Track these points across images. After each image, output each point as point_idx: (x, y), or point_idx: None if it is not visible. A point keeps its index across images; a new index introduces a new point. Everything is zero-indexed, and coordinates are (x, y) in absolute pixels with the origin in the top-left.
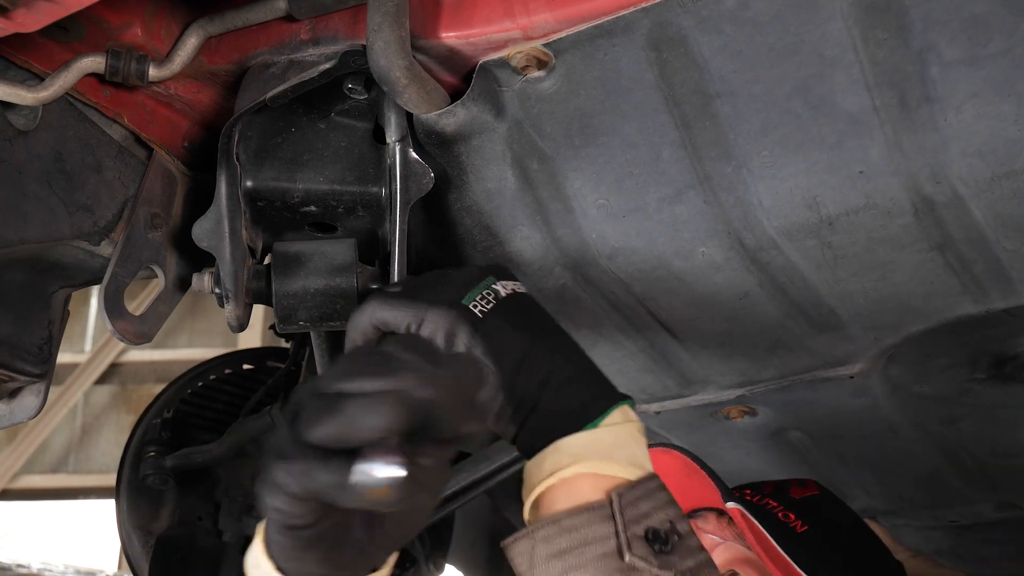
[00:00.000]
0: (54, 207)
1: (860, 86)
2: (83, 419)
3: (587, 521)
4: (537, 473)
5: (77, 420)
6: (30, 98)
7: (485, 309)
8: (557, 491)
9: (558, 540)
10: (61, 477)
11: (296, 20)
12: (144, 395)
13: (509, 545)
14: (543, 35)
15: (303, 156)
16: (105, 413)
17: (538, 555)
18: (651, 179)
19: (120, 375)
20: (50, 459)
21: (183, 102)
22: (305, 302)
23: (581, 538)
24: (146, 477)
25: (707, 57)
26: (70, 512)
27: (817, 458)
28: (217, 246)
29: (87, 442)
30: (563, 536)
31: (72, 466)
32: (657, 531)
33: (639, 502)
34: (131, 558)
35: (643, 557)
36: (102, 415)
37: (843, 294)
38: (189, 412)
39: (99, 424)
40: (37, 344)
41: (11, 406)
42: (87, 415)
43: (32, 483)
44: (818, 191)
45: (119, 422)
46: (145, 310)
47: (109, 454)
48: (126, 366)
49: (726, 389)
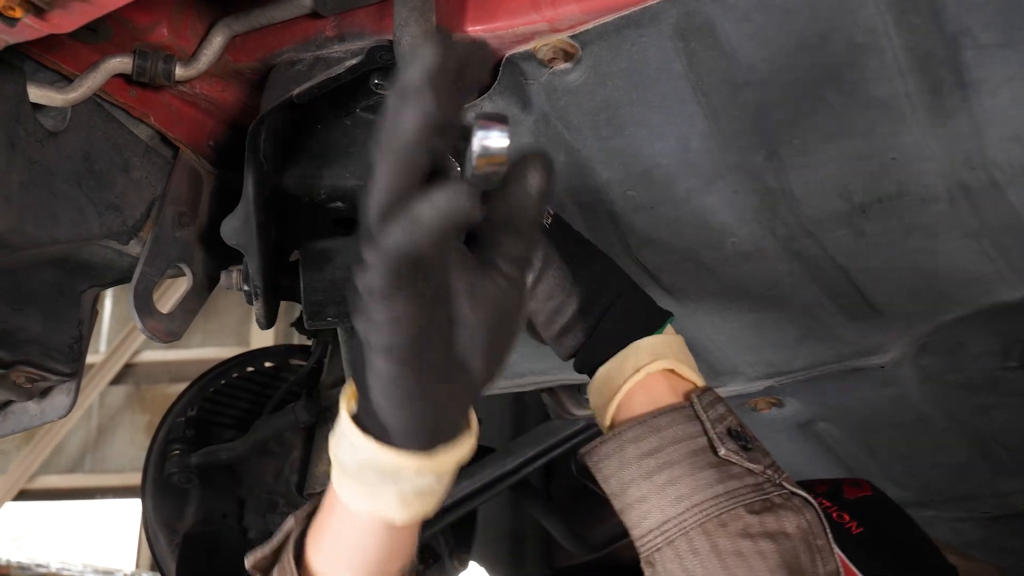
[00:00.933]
0: (84, 207)
1: (892, 72)
2: (98, 419)
3: (674, 421)
4: (619, 374)
5: (92, 420)
6: (60, 99)
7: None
8: (636, 395)
9: (648, 439)
10: (78, 477)
11: (321, 17)
12: (159, 395)
13: (590, 451)
14: (569, 27)
15: (329, 152)
16: (120, 413)
17: (627, 455)
18: (680, 170)
19: (135, 375)
20: (66, 459)
21: (208, 101)
22: (333, 298)
23: (672, 436)
24: (171, 475)
25: (736, 46)
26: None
27: (846, 450)
28: (245, 244)
29: (103, 442)
30: (653, 435)
31: (88, 466)
32: (736, 431)
33: (715, 405)
34: (157, 556)
35: (735, 451)
36: (117, 415)
37: (875, 283)
38: (213, 410)
39: (114, 424)
40: (67, 343)
41: (42, 405)
42: (102, 415)
43: (49, 483)
44: (850, 179)
45: (134, 422)
46: (174, 308)
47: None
48: (140, 366)
49: (754, 380)
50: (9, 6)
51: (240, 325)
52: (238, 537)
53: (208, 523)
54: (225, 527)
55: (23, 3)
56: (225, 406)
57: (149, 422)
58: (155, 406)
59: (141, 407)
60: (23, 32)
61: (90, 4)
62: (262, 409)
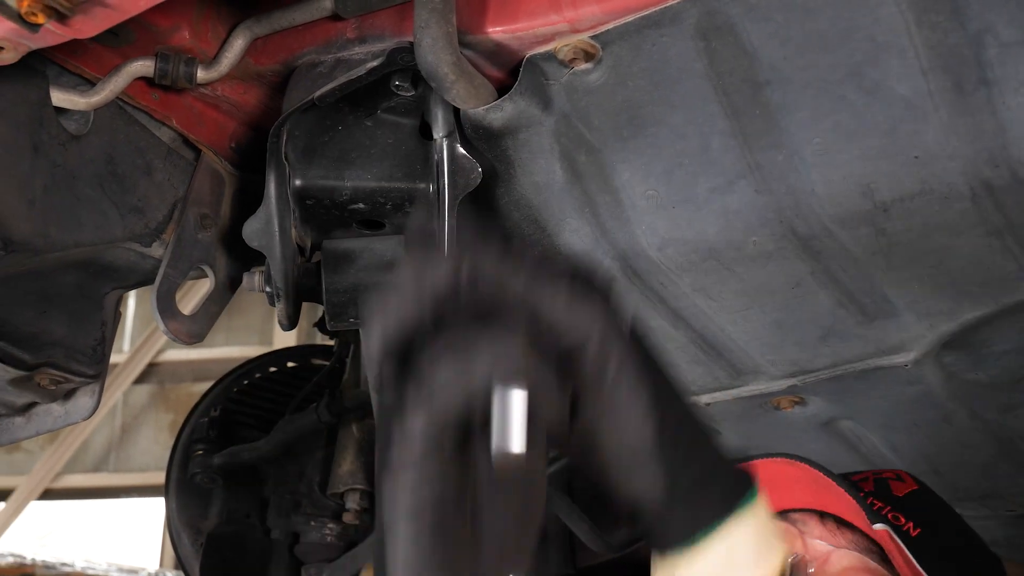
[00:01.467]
0: (107, 210)
1: (914, 70)
2: (122, 419)
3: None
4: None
5: (117, 420)
6: (83, 103)
7: None
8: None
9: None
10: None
11: (342, 19)
12: (182, 394)
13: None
14: (590, 27)
15: (351, 154)
16: (144, 412)
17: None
18: (701, 169)
19: (158, 374)
20: (91, 458)
21: (230, 103)
22: (355, 299)
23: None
24: (194, 475)
25: (757, 45)
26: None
27: (869, 448)
28: (268, 245)
29: (127, 441)
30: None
31: (112, 465)
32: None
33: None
34: (181, 556)
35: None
36: (141, 414)
37: (898, 281)
38: (236, 410)
39: (138, 423)
40: (91, 345)
41: (66, 407)
42: (126, 415)
43: (74, 482)
44: (872, 178)
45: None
46: (196, 310)
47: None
48: (164, 365)
49: (777, 379)
50: (32, 11)
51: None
52: (261, 537)
53: (231, 523)
54: (248, 527)
55: (45, 8)
56: (248, 406)
57: (173, 421)
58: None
59: (165, 406)
60: (46, 37)
61: (112, 9)
62: (285, 409)
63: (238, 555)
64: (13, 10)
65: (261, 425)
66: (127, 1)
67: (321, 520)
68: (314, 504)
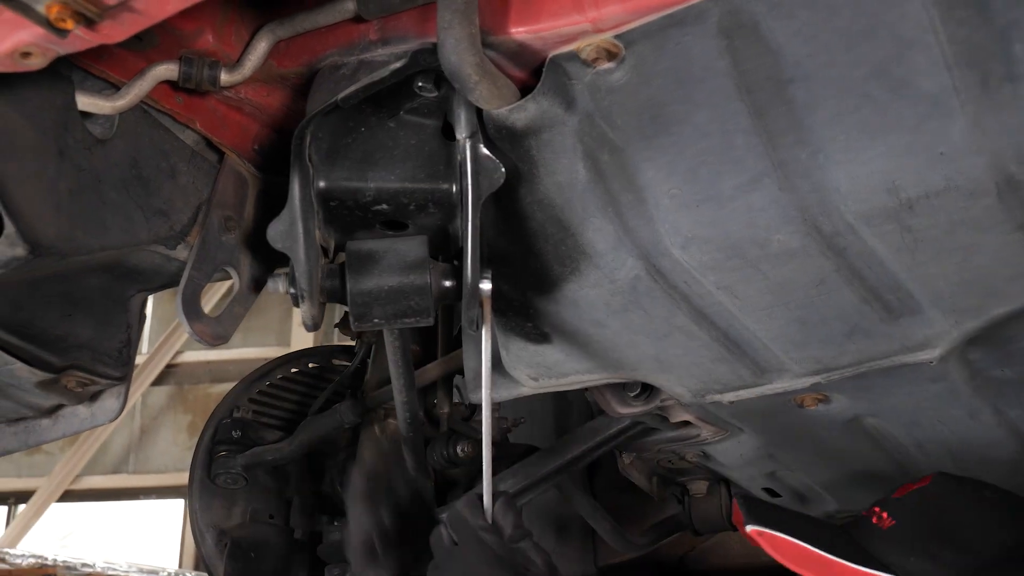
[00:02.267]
0: (132, 213)
1: (940, 66)
2: (141, 420)
3: None
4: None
5: (136, 421)
6: (108, 107)
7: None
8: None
9: None
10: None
11: (364, 21)
12: (200, 395)
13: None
14: (613, 27)
15: (374, 155)
16: (162, 414)
17: None
18: (725, 167)
19: (176, 376)
20: (110, 460)
21: (253, 106)
22: (380, 300)
23: None
24: (217, 477)
25: (780, 43)
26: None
27: (894, 445)
28: (292, 247)
29: (146, 442)
30: None
31: (132, 466)
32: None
33: None
34: (205, 556)
35: None
36: (159, 416)
37: (923, 278)
38: (258, 411)
39: (157, 425)
40: (116, 348)
41: (92, 409)
42: (145, 416)
43: (93, 484)
44: (897, 174)
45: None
46: (221, 311)
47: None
48: (182, 367)
49: (801, 377)
50: (60, 18)
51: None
52: (284, 537)
53: (254, 523)
54: (271, 527)
55: (74, 15)
56: (270, 407)
57: (191, 422)
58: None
59: (183, 407)
60: (73, 43)
61: (139, 14)
62: (307, 410)
63: (261, 556)
64: (42, 16)
65: (283, 426)
66: (155, 6)
67: (344, 520)
68: (337, 505)
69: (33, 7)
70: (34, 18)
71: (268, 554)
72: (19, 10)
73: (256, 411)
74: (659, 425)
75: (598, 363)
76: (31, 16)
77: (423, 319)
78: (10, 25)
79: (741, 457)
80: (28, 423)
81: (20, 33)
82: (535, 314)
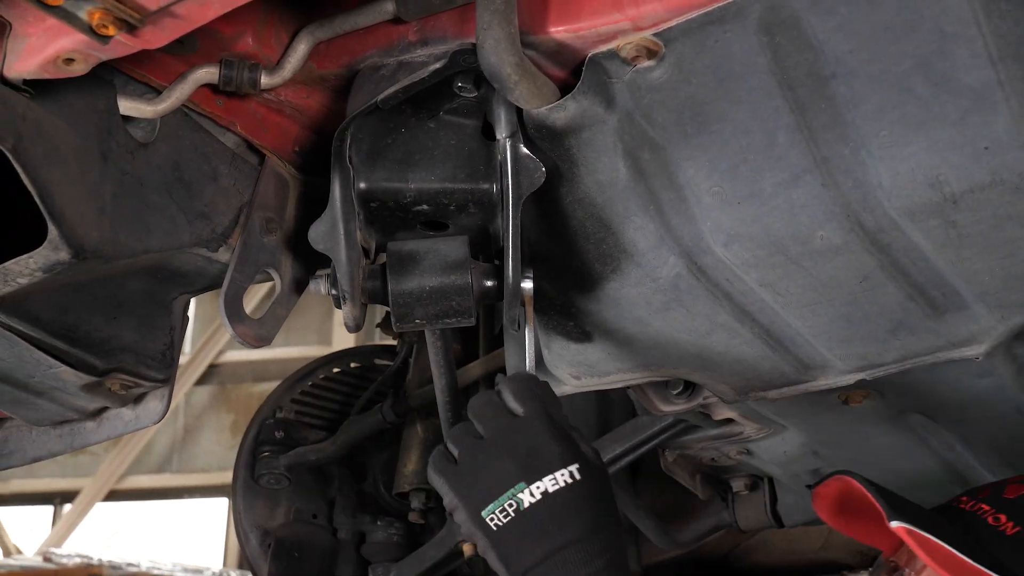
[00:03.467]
0: (174, 216)
1: (983, 60)
2: (185, 420)
3: None
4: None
5: (179, 421)
6: (149, 111)
7: (500, 523)
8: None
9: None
10: (165, 477)
11: (404, 22)
12: (243, 395)
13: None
14: (652, 25)
15: (414, 156)
16: (206, 413)
17: None
18: (766, 164)
19: (219, 375)
20: (155, 460)
21: (293, 108)
22: (421, 300)
23: None
24: (261, 477)
25: (822, 39)
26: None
27: (940, 442)
28: (333, 248)
29: (189, 442)
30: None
31: (176, 466)
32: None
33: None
34: (249, 556)
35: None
36: (203, 415)
37: (968, 273)
38: (301, 411)
39: (200, 424)
40: (160, 350)
41: (136, 411)
42: (188, 416)
43: (138, 483)
44: (941, 169)
45: (219, 422)
46: (263, 313)
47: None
48: (224, 366)
49: (845, 374)
50: (102, 24)
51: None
52: (328, 537)
53: (298, 523)
54: (315, 527)
55: (116, 21)
56: (313, 407)
57: (234, 422)
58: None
59: (226, 407)
60: (116, 49)
61: (181, 19)
62: (350, 410)
63: (305, 555)
64: (84, 23)
65: (326, 426)
66: (195, 11)
67: (387, 520)
68: (380, 504)
69: (76, 14)
70: (77, 25)
71: (312, 554)
72: (62, 17)
73: (299, 411)
74: (702, 423)
75: (640, 362)
76: (74, 23)
77: (465, 319)
78: (53, 32)
79: (785, 454)
80: (73, 426)
81: (63, 40)
82: (577, 313)
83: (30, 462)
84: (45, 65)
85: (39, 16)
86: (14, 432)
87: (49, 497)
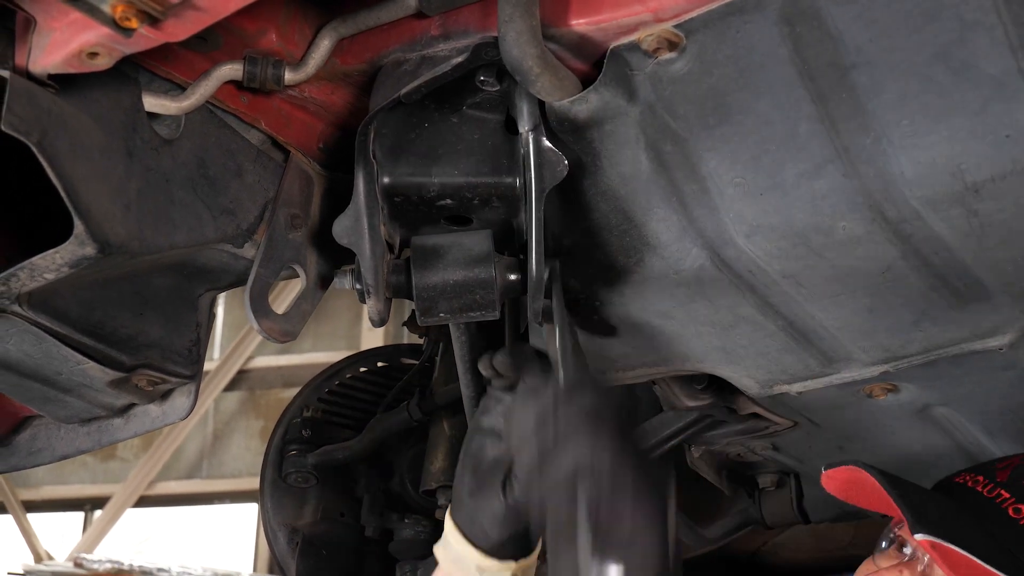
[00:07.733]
0: (200, 212)
1: (1004, 48)
2: (214, 425)
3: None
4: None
5: (208, 426)
6: (174, 108)
7: None
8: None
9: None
10: (195, 483)
11: (426, 16)
12: (272, 400)
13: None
14: (673, 16)
15: (437, 150)
16: (235, 419)
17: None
18: (788, 155)
19: (248, 381)
20: (184, 465)
21: (317, 104)
22: (445, 294)
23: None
24: (288, 475)
25: (842, 28)
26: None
27: (965, 434)
28: (357, 243)
29: (218, 448)
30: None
31: (205, 471)
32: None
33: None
34: (277, 555)
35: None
36: (232, 421)
37: (991, 263)
38: (328, 410)
39: (229, 430)
40: (186, 346)
41: (163, 407)
42: (217, 421)
43: (168, 489)
44: (962, 158)
45: (248, 427)
46: (289, 309)
47: (240, 459)
48: (254, 372)
49: (869, 366)
50: (125, 17)
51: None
52: (355, 535)
53: (326, 521)
54: (343, 525)
55: (138, 13)
56: (340, 406)
57: (263, 427)
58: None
59: (255, 412)
60: (139, 42)
61: (202, 12)
62: (376, 408)
63: (333, 553)
64: (107, 16)
65: (353, 424)
66: (218, 3)
67: (414, 517)
68: (407, 502)
69: (99, 7)
70: (100, 18)
71: (339, 551)
72: (85, 10)
73: (326, 410)
74: (727, 418)
75: (664, 355)
76: (97, 16)
77: (488, 313)
78: (77, 26)
79: (811, 449)
80: (101, 423)
81: (87, 34)
82: (601, 306)
83: (59, 459)
84: (69, 59)
85: (63, 10)
86: (43, 430)
87: (80, 503)
